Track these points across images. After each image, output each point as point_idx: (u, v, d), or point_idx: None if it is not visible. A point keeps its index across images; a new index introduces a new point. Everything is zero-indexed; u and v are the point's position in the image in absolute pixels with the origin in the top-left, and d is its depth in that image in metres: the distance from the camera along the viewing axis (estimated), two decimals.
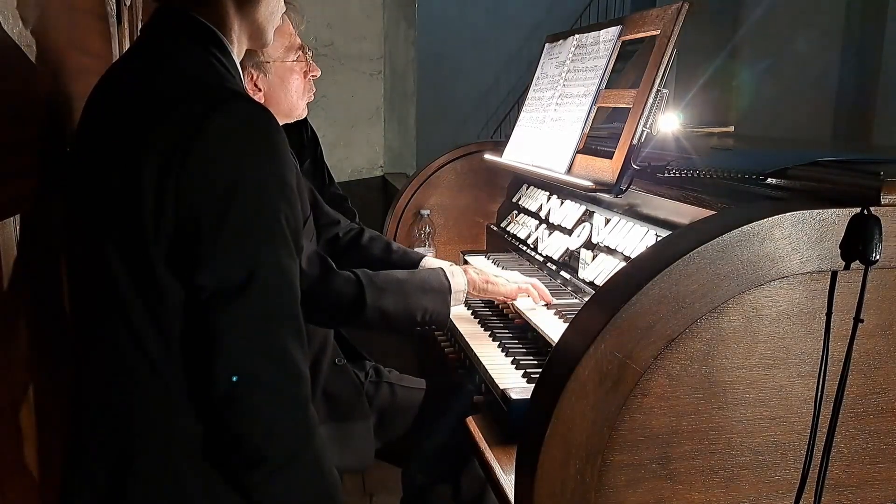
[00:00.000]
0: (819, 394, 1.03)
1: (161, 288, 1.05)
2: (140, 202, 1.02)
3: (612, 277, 1.14)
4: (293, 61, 1.76)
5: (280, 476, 1.08)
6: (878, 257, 0.99)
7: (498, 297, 1.92)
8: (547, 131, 2.15)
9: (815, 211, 1.03)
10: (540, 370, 1.33)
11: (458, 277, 1.80)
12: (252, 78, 1.72)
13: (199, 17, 1.17)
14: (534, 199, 2.47)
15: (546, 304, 1.92)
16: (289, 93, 1.77)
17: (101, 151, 1.11)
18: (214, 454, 1.09)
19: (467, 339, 1.86)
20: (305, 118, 2.14)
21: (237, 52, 1.24)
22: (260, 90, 1.74)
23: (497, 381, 1.57)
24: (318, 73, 1.83)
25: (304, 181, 2.01)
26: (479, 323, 1.98)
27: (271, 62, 1.73)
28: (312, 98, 1.85)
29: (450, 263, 2.06)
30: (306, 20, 1.85)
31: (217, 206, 1.03)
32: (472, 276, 1.84)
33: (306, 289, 1.61)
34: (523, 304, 1.92)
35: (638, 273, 1.03)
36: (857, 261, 1.00)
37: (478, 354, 1.75)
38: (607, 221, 1.91)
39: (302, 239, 1.14)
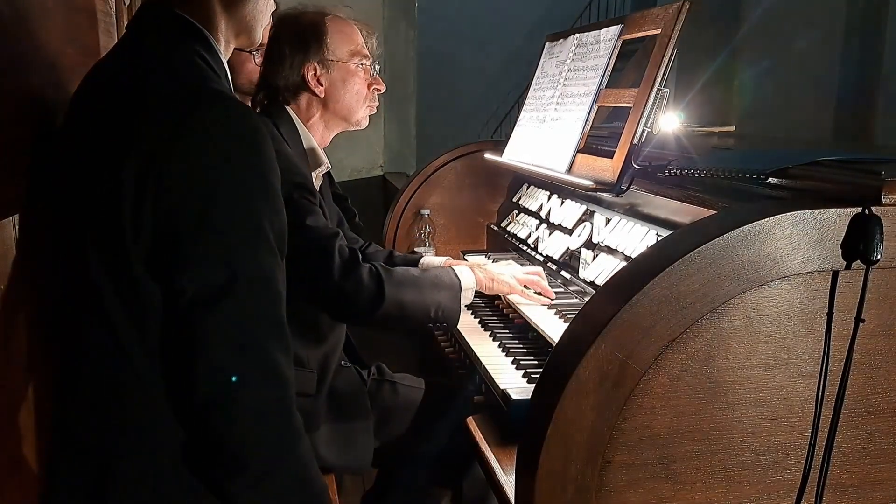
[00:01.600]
0: (820, 394, 1.03)
1: (141, 291, 1.03)
2: (119, 203, 1.00)
3: (612, 277, 1.14)
4: (356, 65, 1.80)
5: (262, 485, 1.05)
6: (879, 257, 0.99)
7: (504, 292, 1.93)
8: (547, 130, 2.15)
9: (816, 210, 1.03)
10: (540, 370, 1.32)
11: (466, 276, 1.82)
12: (316, 73, 1.77)
13: (183, 15, 1.14)
14: (534, 198, 2.47)
15: (545, 302, 1.92)
16: (348, 93, 1.81)
17: (84, 151, 1.09)
18: (196, 461, 1.06)
19: (467, 339, 1.86)
20: None
21: (224, 51, 1.21)
22: (322, 85, 1.78)
23: (497, 381, 1.56)
24: (383, 88, 1.88)
25: (335, 208, 2.04)
26: (479, 322, 1.98)
27: (335, 61, 1.77)
28: (375, 111, 1.89)
29: (447, 257, 2.08)
30: None
31: (197, 209, 1.01)
32: (478, 274, 1.87)
33: (334, 279, 1.63)
34: (523, 303, 1.92)
35: (639, 273, 1.03)
36: (859, 260, 1.00)
37: (478, 354, 1.75)
38: (608, 221, 1.90)
39: (286, 244, 1.12)
